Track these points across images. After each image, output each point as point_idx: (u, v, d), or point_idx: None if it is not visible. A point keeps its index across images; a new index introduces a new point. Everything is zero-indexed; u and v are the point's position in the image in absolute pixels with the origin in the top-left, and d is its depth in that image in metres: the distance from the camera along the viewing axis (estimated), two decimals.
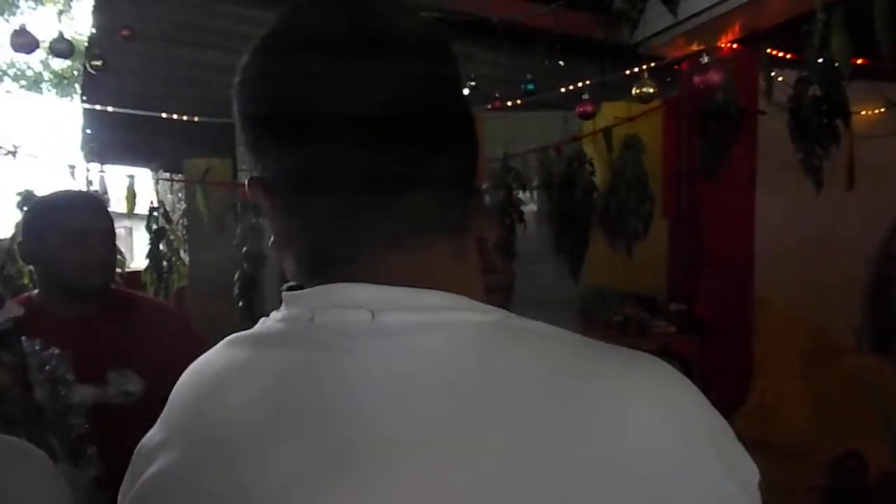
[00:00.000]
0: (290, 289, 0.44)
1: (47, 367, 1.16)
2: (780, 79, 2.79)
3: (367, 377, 0.39)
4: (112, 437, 0.91)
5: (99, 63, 2.72)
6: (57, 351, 1.18)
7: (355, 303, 0.41)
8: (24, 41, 2.49)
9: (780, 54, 2.91)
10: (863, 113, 3.24)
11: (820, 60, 2.37)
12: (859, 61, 2.63)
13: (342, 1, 0.45)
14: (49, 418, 1.10)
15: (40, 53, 3.53)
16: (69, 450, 1.09)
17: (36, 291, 1.40)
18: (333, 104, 0.42)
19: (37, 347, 1.15)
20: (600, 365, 0.41)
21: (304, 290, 0.43)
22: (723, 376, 3.05)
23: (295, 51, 0.43)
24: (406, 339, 0.40)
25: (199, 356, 0.50)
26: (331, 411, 0.39)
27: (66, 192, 1.49)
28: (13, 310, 1.09)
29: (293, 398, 0.40)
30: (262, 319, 0.47)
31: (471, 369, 0.39)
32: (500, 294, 1.10)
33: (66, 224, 1.32)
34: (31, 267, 1.65)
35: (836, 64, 2.30)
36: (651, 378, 0.41)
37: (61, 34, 2.67)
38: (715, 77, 2.66)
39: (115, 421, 1.11)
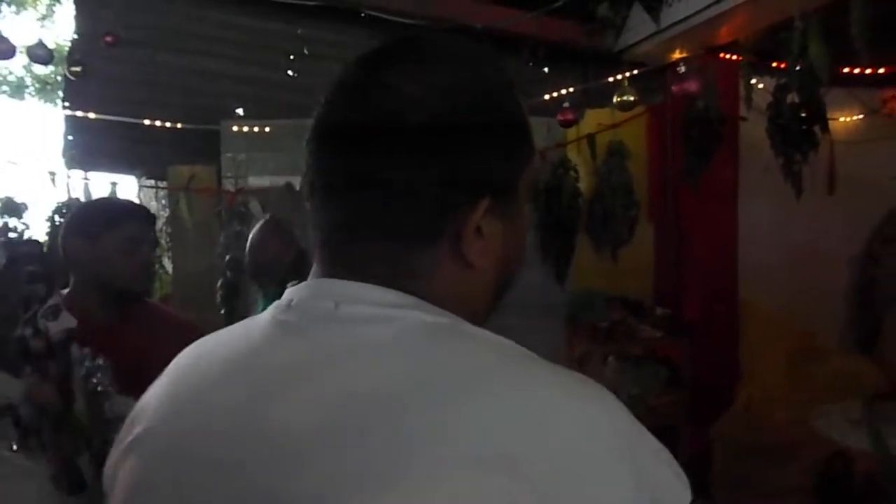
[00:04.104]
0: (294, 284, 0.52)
1: (93, 380, 1.13)
2: (760, 86, 2.83)
3: (311, 356, 0.45)
4: None
5: (79, 69, 2.69)
6: (102, 362, 1.16)
7: (325, 294, 0.47)
8: (0, 47, 2.45)
9: (760, 61, 2.95)
10: (842, 119, 3.29)
11: (798, 68, 2.41)
12: (839, 69, 2.67)
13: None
14: (88, 433, 1.07)
15: (23, 59, 3.49)
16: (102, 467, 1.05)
17: (66, 291, 1.37)
18: (320, 118, 0.49)
19: (86, 358, 1.13)
20: (527, 373, 0.43)
21: (298, 284, 0.50)
22: (710, 380, 3.07)
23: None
24: (357, 327, 0.45)
25: None
26: (255, 385, 0.45)
27: (118, 199, 1.50)
28: (68, 321, 1.07)
29: (232, 365, 0.48)
30: None
31: (404, 365, 0.43)
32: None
33: (124, 229, 1.36)
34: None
35: (815, 71, 2.33)
36: (576, 392, 0.43)
37: (40, 40, 2.64)
38: (696, 84, 2.69)
39: None
